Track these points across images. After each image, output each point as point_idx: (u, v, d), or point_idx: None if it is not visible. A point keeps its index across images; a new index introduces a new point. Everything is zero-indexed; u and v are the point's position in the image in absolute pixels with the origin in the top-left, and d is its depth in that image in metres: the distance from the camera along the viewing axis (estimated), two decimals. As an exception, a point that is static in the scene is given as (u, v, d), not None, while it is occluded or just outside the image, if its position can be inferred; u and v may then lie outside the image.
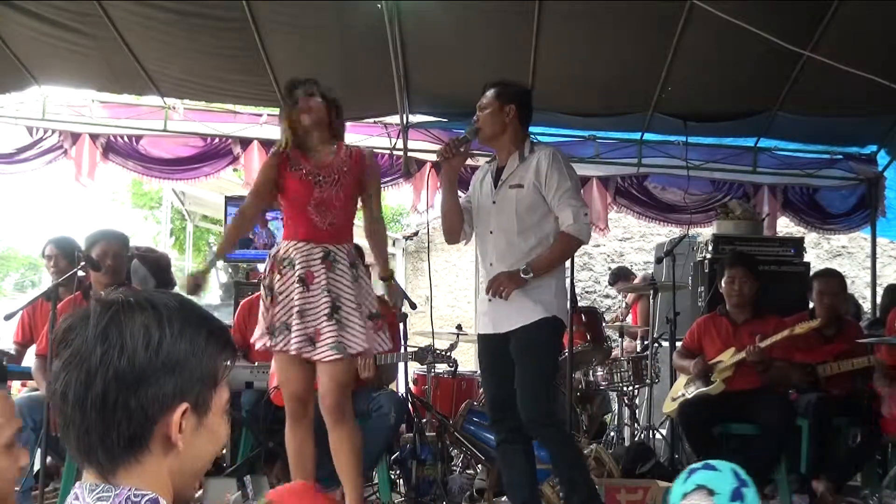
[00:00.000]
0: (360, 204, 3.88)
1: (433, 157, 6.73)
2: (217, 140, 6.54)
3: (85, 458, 1.18)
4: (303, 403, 3.66)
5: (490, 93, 3.80)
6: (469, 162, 6.58)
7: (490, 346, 3.82)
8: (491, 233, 3.78)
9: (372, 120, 6.60)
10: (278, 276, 3.62)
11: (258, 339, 3.69)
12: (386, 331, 3.74)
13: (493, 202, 3.77)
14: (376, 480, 4.80)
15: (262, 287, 3.71)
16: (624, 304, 8.43)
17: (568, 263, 3.98)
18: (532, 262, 3.62)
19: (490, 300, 3.73)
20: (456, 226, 3.89)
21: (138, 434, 1.16)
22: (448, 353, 5.01)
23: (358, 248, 4.99)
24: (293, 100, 3.70)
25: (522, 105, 3.82)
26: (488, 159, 4.05)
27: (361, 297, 3.63)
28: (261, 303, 3.73)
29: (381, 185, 6.48)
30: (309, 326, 3.53)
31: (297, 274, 3.57)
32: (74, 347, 1.16)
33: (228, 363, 1.27)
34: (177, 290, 5.46)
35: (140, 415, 1.16)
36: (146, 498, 1.15)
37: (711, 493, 1.75)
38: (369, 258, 4.24)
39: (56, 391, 1.17)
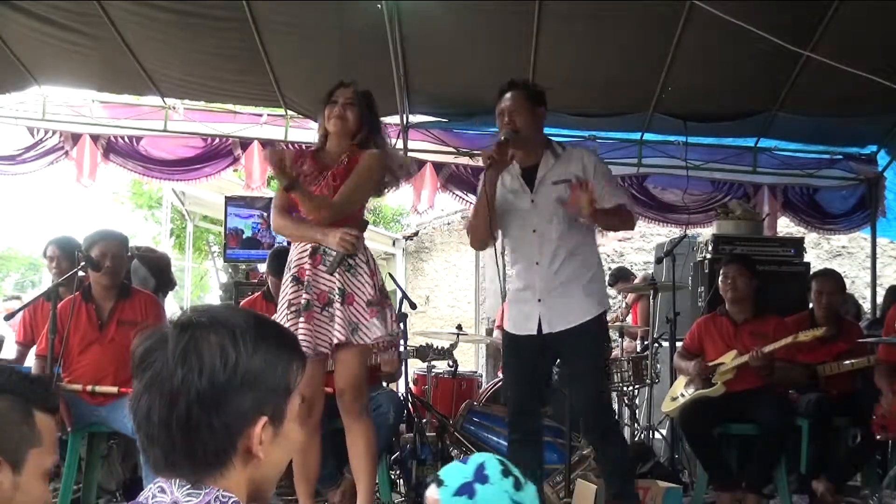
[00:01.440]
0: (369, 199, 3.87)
1: (433, 157, 6.75)
2: (217, 141, 6.55)
3: (172, 472, 1.23)
4: (309, 404, 3.64)
5: (520, 95, 3.78)
6: (470, 162, 6.66)
7: (523, 346, 3.74)
8: (534, 231, 3.74)
9: (372, 120, 6.59)
10: (284, 278, 3.66)
11: None
12: (385, 317, 3.61)
13: (532, 201, 3.76)
14: (376, 480, 4.80)
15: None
16: (624, 305, 8.44)
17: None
18: (599, 209, 3.57)
19: (540, 300, 3.69)
20: (487, 230, 3.80)
21: (222, 450, 1.21)
22: (448, 351, 5.02)
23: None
24: (332, 99, 3.67)
25: (545, 107, 3.87)
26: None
27: (354, 286, 3.56)
28: None
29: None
30: (297, 322, 3.52)
31: (291, 274, 3.58)
32: (154, 370, 1.21)
33: (300, 370, 1.30)
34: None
35: (223, 432, 1.20)
36: (232, 500, 1.21)
37: (441, 483, 1.71)
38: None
39: (139, 411, 1.22)
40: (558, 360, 4.01)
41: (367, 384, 3.72)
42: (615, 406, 6.50)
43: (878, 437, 4.47)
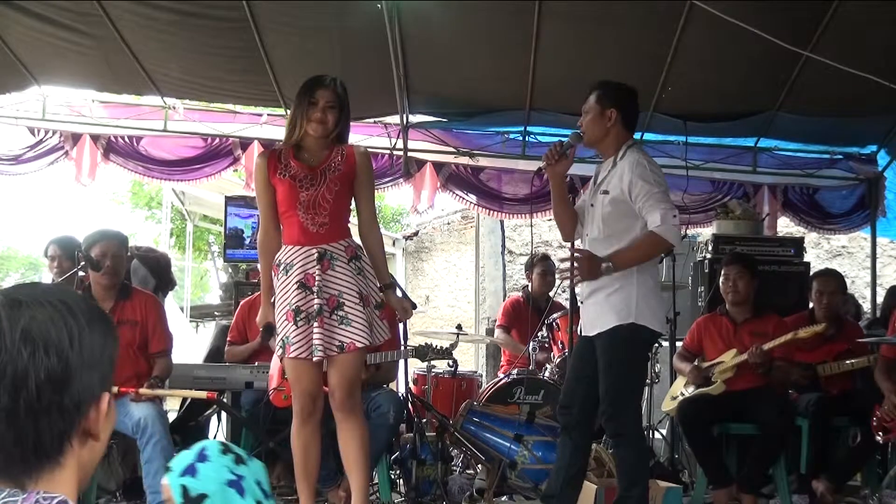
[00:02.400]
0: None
1: (433, 157, 6.75)
2: (218, 141, 6.55)
3: (2, 471, 1.12)
4: (312, 401, 3.64)
5: (592, 96, 3.76)
6: (470, 162, 6.67)
7: (580, 344, 3.88)
8: (587, 235, 3.81)
9: (372, 120, 6.60)
10: (276, 281, 3.63)
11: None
12: (385, 321, 3.72)
13: (591, 205, 3.78)
14: (376, 480, 4.80)
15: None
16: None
17: (567, 264, 3.99)
18: (613, 254, 3.58)
19: (582, 302, 3.78)
20: (568, 225, 3.91)
21: (66, 433, 1.14)
22: (448, 350, 5.02)
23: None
24: (312, 100, 3.60)
25: (625, 108, 3.75)
26: (601, 160, 3.99)
27: (367, 288, 3.61)
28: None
29: (378, 186, 6.47)
30: (310, 328, 3.53)
31: (294, 279, 3.55)
32: None
33: (116, 346, 1.23)
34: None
35: (72, 412, 1.14)
36: (56, 500, 1.11)
37: (168, 469, 1.80)
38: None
39: None
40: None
41: (360, 383, 3.74)
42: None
43: (879, 439, 4.48)
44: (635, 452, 3.73)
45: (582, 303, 3.81)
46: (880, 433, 4.43)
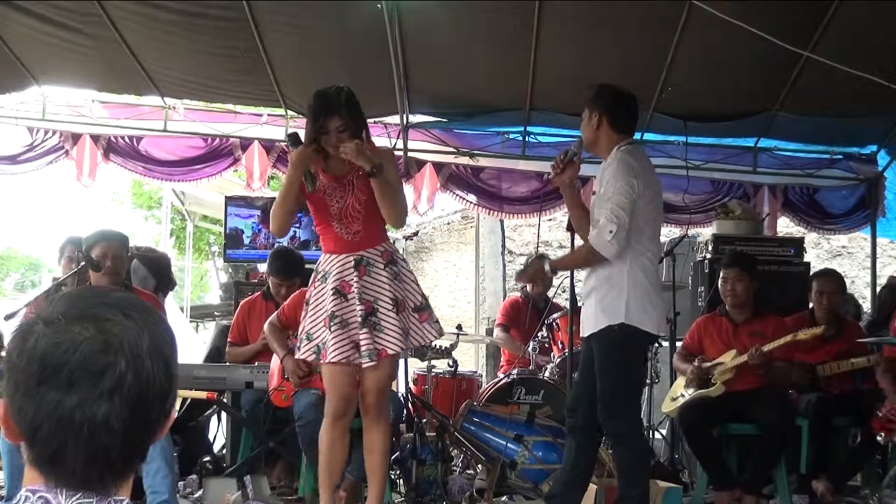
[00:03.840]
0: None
1: (433, 157, 6.75)
2: (218, 141, 6.55)
3: (90, 486, 1.08)
4: (347, 404, 3.65)
5: (585, 103, 3.81)
6: (470, 162, 6.66)
7: (585, 346, 3.89)
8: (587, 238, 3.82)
9: (372, 120, 6.58)
10: (314, 290, 3.64)
11: (301, 348, 3.67)
12: (433, 321, 3.68)
13: (592, 206, 3.83)
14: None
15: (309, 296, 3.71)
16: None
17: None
18: (556, 259, 3.69)
19: (582, 304, 3.84)
20: (586, 228, 3.87)
21: (152, 441, 1.14)
22: (447, 350, 5.02)
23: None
24: (322, 131, 3.53)
25: (612, 111, 3.74)
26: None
27: (404, 292, 3.62)
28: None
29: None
30: (352, 335, 3.53)
31: (331, 286, 3.55)
32: (119, 371, 1.06)
33: None
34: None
35: (163, 423, 1.13)
36: (125, 503, 1.11)
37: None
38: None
39: (91, 424, 1.05)
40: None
41: (389, 389, 3.81)
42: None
43: (880, 438, 4.48)
44: (634, 453, 3.74)
45: (582, 304, 3.85)
46: (882, 433, 4.43)
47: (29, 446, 1.08)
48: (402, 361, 5.13)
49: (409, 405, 4.97)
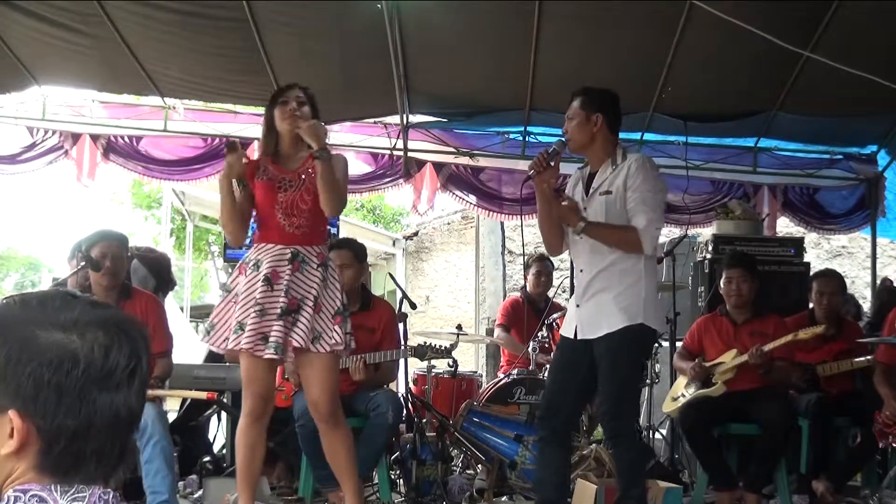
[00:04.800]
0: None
1: (433, 158, 6.75)
2: (218, 141, 6.54)
3: (96, 480, 1.16)
4: (265, 402, 3.68)
5: (576, 102, 3.77)
6: (470, 162, 6.66)
7: (567, 348, 3.81)
8: (580, 238, 3.75)
9: (372, 120, 6.60)
10: (243, 279, 3.62)
11: (218, 342, 3.64)
12: (347, 328, 3.66)
13: (585, 209, 3.75)
14: (376, 480, 4.81)
15: (222, 290, 3.73)
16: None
17: (568, 264, 3.98)
18: (592, 222, 3.62)
19: (578, 305, 3.74)
20: (553, 239, 3.85)
21: None
22: (447, 350, 5.02)
23: (361, 247, 4.99)
24: (283, 100, 3.69)
25: (610, 112, 3.77)
26: (580, 165, 3.99)
27: (326, 296, 3.62)
28: (219, 303, 3.73)
29: (378, 186, 6.71)
30: (265, 325, 3.53)
31: (262, 274, 3.56)
32: (142, 367, 1.20)
33: None
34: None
35: None
36: (111, 494, 1.16)
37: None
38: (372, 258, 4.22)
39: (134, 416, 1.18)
40: None
41: (337, 390, 3.75)
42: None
43: (881, 444, 4.48)
44: (634, 452, 3.75)
45: (578, 305, 3.74)
46: (882, 439, 4.43)
47: (46, 453, 1.11)
48: (402, 361, 5.13)
49: (409, 405, 4.97)
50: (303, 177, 3.67)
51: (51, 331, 1.11)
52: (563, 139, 3.78)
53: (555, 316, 5.84)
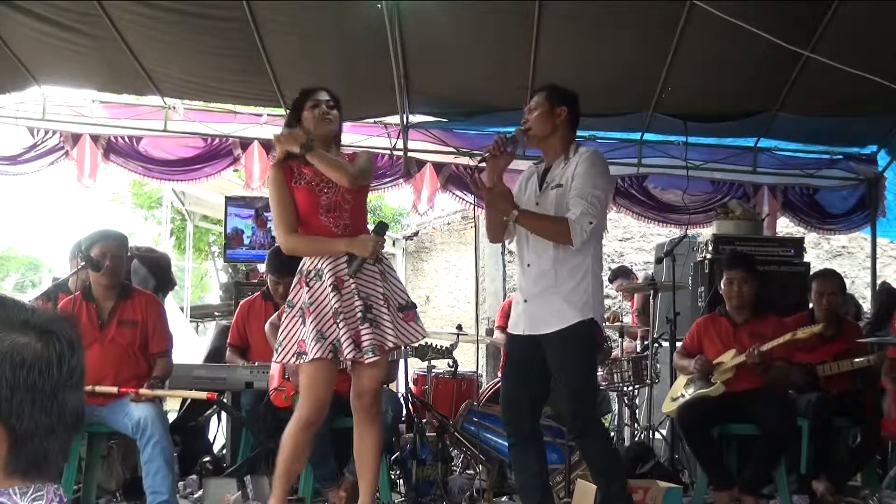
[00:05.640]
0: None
1: (433, 157, 6.75)
2: (217, 141, 6.55)
3: (59, 472, 1.22)
4: (324, 409, 3.61)
5: (541, 95, 3.78)
6: (470, 162, 6.66)
7: (517, 346, 3.79)
8: (530, 234, 3.73)
9: (372, 120, 6.60)
10: (306, 289, 3.55)
11: (287, 357, 3.59)
12: (419, 321, 3.67)
13: (536, 203, 3.75)
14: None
15: (287, 306, 3.64)
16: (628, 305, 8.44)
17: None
18: (524, 210, 3.62)
19: (525, 301, 3.73)
20: (495, 226, 3.84)
21: None
22: (448, 350, 5.02)
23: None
24: (313, 103, 3.64)
25: (573, 108, 3.79)
26: (535, 161, 3.99)
27: (389, 290, 3.60)
28: (284, 319, 3.63)
29: (378, 186, 6.67)
30: (351, 330, 3.49)
31: (328, 283, 3.51)
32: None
33: None
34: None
35: None
36: (62, 490, 1.19)
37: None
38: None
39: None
40: None
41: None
42: (615, 407, 6.52)
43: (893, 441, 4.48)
44: (605, 448, 3.74)
45: (526, 300, 3.72)
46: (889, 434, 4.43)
47: (16, 454, 1.13)
48: (402, 361, 5.13)
49: (409, 405, 4.97)
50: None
51: (12, 333, 1.15)
52: (523, 128, 3.75)
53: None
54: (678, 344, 5.36)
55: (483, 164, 3.78)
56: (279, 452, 3.66)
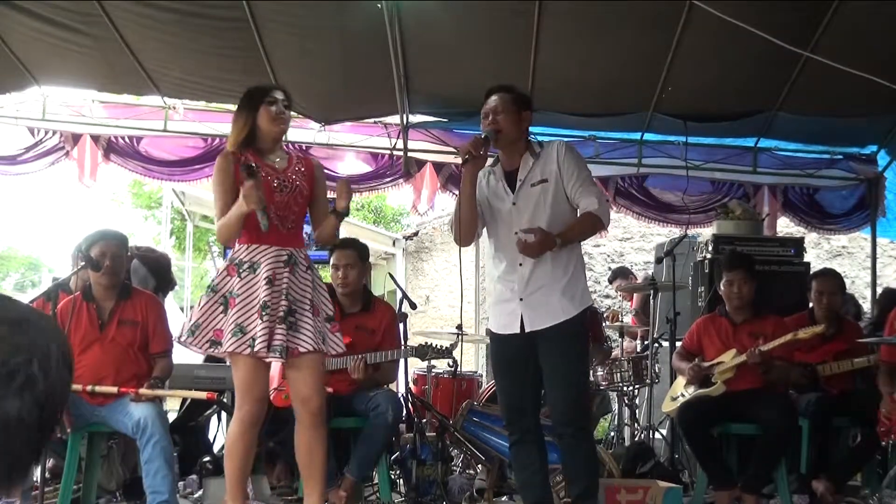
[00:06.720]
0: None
1: (433, 157, 6.75)
2: (218, 141, 6.54)
3: (5, 479, 1.11)
4: (262, 406, 3.65)
5: (506, 97, 3.79)
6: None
7: (508, 346, 3.80)
8: (516, 234, 3.74)
9: (372, 120, 6.60)
10: (237, 279, 3.54)
11: (201, 343, 3.55)
12: (339, 335, 3.69)
13: (514, 204, 3.77)
14: (376, 480, 4.80)
15: (207, 290, 3.61)
16: (628, 306, 8.43)
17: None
18: (561, 233, 3.66)
19: (522, 299, 3.74)
20: (469, 228, 3.90)
21: None
22: (448, 350, 5.02)
23: (364, 247, 4.99)
24: (269, 99, 3.67)
25: (531, 111, 3.90)
26: (490, 164, 3.99)
27: (317, 299, 3.63)
28: (202, 301, 3.59)
29: (378, 186, 6.80)
30: (269, 326, 3.48)
31: (263, 276, 3.50)
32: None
33: None
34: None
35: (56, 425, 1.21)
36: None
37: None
38: (372, 258, 4.22)
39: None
40: None
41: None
42: (615, 407, 6.52)
43: (884, 442, 4.48)
44: (593, 445, 3.83)
45: (521, 299, 3.74)
46: (885, 438, 4.43)
47: None
48: (402, 362, 5.13)
49: (410, 405, 4.97)
50: (294, 178, 3.65)
51: None
52: (494, 129, 3.75)
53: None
54: (678, 344, 5.36)
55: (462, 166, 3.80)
56: (226, 457, 3.63)
